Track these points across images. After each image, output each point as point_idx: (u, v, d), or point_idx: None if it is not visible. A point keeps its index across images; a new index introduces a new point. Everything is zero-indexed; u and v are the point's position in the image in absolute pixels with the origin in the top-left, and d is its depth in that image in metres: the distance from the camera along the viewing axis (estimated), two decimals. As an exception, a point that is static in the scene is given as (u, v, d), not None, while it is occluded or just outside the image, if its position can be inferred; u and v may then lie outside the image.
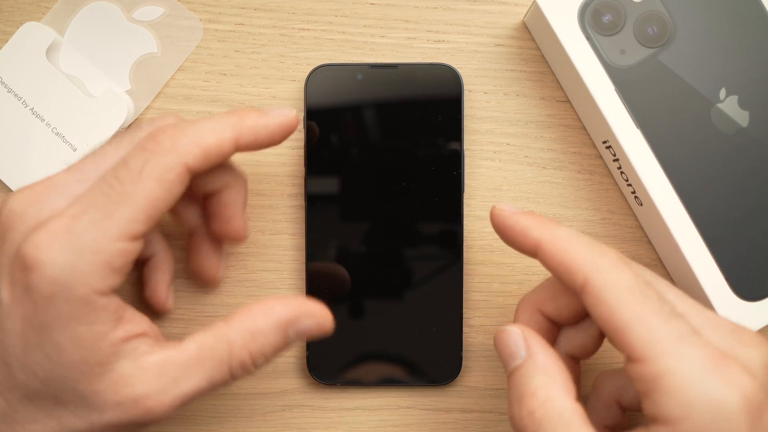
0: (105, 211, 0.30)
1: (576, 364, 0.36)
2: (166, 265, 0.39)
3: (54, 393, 0.31)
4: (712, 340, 0.30)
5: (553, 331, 0.35)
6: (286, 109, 0.35)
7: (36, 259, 0.30)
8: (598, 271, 0.31)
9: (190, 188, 0.33)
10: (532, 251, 0.33)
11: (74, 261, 0.30)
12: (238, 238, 0.38)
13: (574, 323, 0.35)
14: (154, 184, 0.30)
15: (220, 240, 0.39)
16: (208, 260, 0.39)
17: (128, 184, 0.30)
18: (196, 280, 0.41)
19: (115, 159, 0.32)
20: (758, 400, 0.28)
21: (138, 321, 0.32)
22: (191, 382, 0.31)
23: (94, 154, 0.33)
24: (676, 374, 0.28)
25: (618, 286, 0.30)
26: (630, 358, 0.30)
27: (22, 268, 0.30)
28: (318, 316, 0.33)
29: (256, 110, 0.34)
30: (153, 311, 0.40)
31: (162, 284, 0.39)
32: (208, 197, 0.37)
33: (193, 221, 0.38)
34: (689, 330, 0.30)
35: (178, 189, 0.31)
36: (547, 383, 0.31)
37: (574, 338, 0.35)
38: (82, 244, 0.30)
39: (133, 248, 0.31)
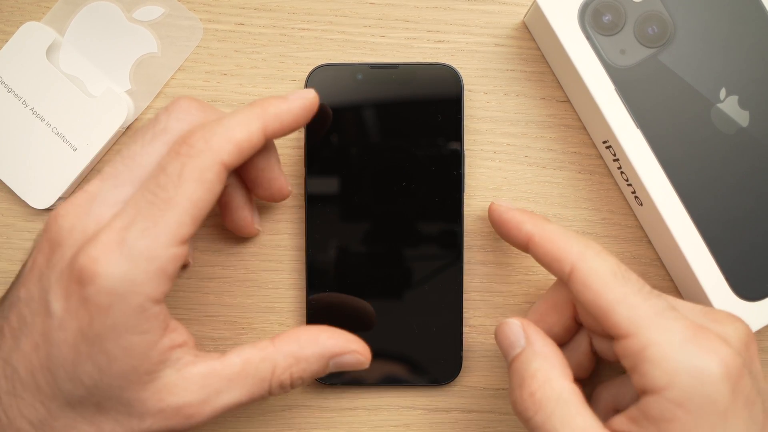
0: (152, 219, 0.31)
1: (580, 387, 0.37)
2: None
3: (98, 400, 0.31)
4: (690, 316, 0.33)
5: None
6: (305, 90, 0.36)
7: (93, 272, 0.30)
8: (583, 259, 0.33)
9: None
10: (524, 244, 0.36)
11: (130, 271, 0.30)
12: (283, 196, 0.39)
13: (565, 340, 0.38)
14: (195, 186, 0.31)
15: (266, 200, 0.39)
16: (244, 213, 0.39)
17: (170, 189, 0.31)
18: (236, 233, 0.41)
19: (146, 159, 0.33)
20: (736, 366, 0.30)
21: (181, 331, 0.33)
22: (233, 395, 0.33)
23: (124, 157, 0.33)
24: (659, 345, 0.31)
25: (602, 271, 0.33)
26: (617, 336, 0.32)
27: (78, 281, 0.30)
28: (361, 354, 0.35)
29: (278, 97, 0.35)
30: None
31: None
32: (242, 165, 0.37)
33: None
34: (668, 306, 0.32)
35: (218, 187, 0.32)
36: (546, 366, 0.33)
37: (569, 359, 0.36)
38: (136, 254, 0.30)
39: (183, 252, 0.31)
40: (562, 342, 0.38)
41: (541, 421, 0.32)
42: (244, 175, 0.38)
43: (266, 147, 0.37)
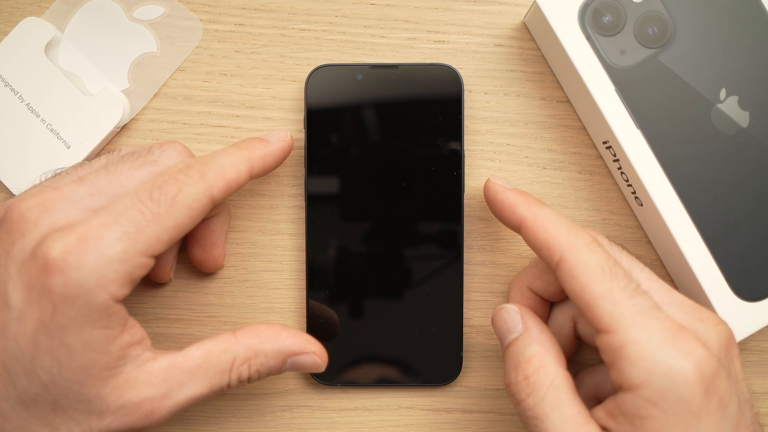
0: (137, 226, 0.32)
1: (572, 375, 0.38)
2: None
3: (54, 398, 0.31)
4: (673, 316, 0.33)
5: (543, 306, 0.39)
6: (282, 132, 0.38)
7: (63, 261, 0.30)
8: (572, 249, 0.34)
9: None
10: (516, 227, 0.36)
11: (101, 267, 0.31)
12: (216, 266, 0.40)
13: (559, 300, 0.39)
14: (185, 211, 0.33)
15: (196, 262, 0.40)
16: (167, 258, 0.39)
17: (162, 206, 0.32)
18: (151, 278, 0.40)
19: (130, 181, 0.34)
20: (711, 368, 0.31)
21: (137, 328, 0.33)
22: (194, 388, 0.33)
23: (108, 170, 0.34)
24: (637, 344, 0.31)
25: (589, 264, 0.33)
26: (598, 330, 0.33)
27: (43, 270, 0.30)
28: (318, 355, 0.36)
29: (260, 140, 0.37)
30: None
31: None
32: None
33: None
34: (652, 305, 0.33)
35: (200, 218, 0.34)
36: (541, 352, 0.34)
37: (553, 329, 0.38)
38: (111, 253, 0.31)
39: (150, 264, 0.32)
40: (557, 299, 0.38)
41: (532, 403, 0.33)
42: (191, 232, 0.39)
43: (223, 212, 0.40)
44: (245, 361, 0.34)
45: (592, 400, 0.38)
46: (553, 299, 0.39)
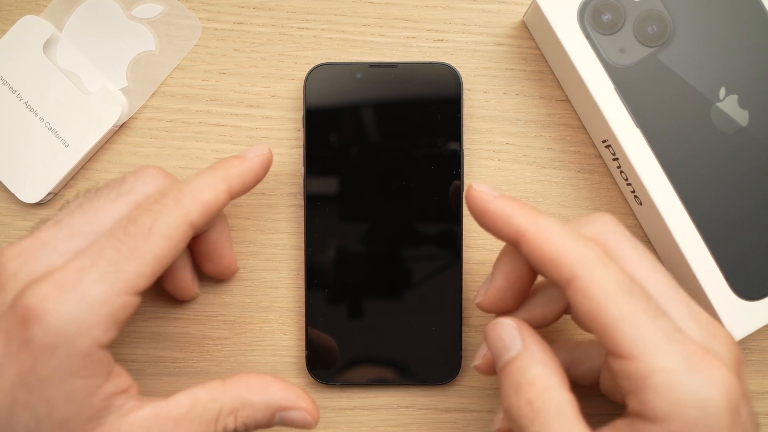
0: (114, 264, 0.30)
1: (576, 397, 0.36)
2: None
3: None
4: (691, 333, 0.31)
5: (531, 276, 0.35)
6: (261, 147, 0.37)
7: (41, 310, 0.29)
8: (585, 266, 0.30)
9: None
10: (513, 240, 0.32)
11: (82, 312, 0.30)
12: (231, 272, 0.41)
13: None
14: (163, 241, 0.31)
15: (212, 275, 0.41)
16: (185, 275, 0.40)
17: (138, 239, 0.31)
18: (173, 295, 0.41)
19: (107, 216, 0.33)
20: (737, 394, 0.29)
21: (124, 376, 0.32)
22: None
23: (83, 209, 0.33)
24: (664, 372, 0.29)
25: (606, 283, 0.30)
26: (616, 355, 0.30)
27: (22, 321, 0.30)
28: (309, 413, 0.34)
29: (237, 157, 0.37)
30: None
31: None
32: (195, 238, 0.38)
33: None
34: (674, 327, 0.30)
35: (182, 245, 0.32)
36: (545, 374, 0.31)
37: (536, 308, 0.36)
38: (91, 297, 0.30)
39: (135, 302, 0.31)
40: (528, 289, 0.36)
41: (536, 430, 0.30)
42: (195, 249, 0.39)
43: (219, 222, 0.39)
44: (232, 412, 0.33)
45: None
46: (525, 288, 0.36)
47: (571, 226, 0.33)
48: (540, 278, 0.36)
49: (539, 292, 0.36)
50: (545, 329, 0.39)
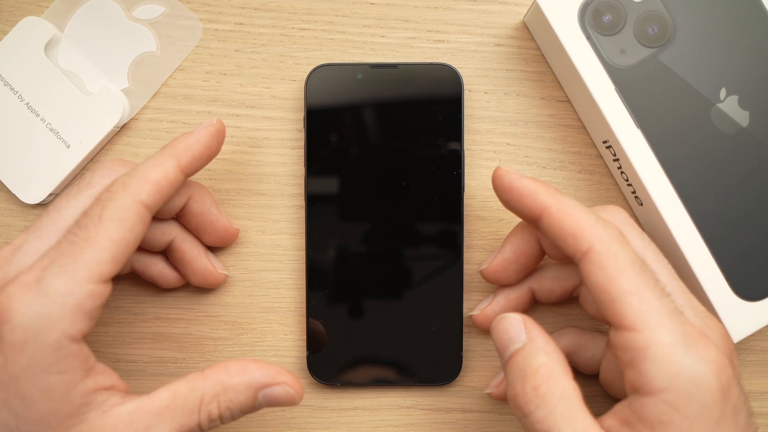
0: (71, 256, 0.31)
1: (530, 301, 0.40)
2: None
3: None
4: (691, 320, 0.32)
5: (539, 254, 0.38)
6: (210, 120, 0.37)
7: (8, 310, 0.30)
8: (602, 240, 0.32)
9: (159, 213, 0.37)
10: (535, 214, 0.34)
11: (45, 306, 0.30)
12: (231, 236, 0.40)
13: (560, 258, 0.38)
14: (116, 225, 0.32)
15: (216, 244, 0.41)
16: (203, 262, 0.40)
17: (91, 229, 0.32)
18: (203, 286, 0.41)
19: (70, 212, 0.34)
20: (728, 376, 0.31)
21: (108, 374, 0.32)
22: (162, 429, 0.32)
23: (49, 211, 0.34)
24: (664, 345, 0.30)
25: (620, 257, 0.32)
26: (619, 326, 0.31)
27: None
28: (290, 386, 0.34)
29: (186, 133, 0.36)
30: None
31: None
32: (181, 217, 0.39)
33: (167, 236, 0.39)
34: (676, 308, 0.32)
35: (139, 227, 0.33)
36: (550, 362, 0.32)
37: (546, 281, 0.39)
38: (53, 290, 0.30)
39: (103, 290, 0.31)
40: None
41: (542, 416, 0.31)
42: (191, 228, 0.39)
43: (198, 192, 0.39)
44: (213, 398, 0.33)
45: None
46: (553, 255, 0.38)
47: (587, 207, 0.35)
48: (547, 259, 0.39)
49: (551, 266, 0.39)
50: (552, 323, 0.39)
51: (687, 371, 0.30)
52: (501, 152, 0.42)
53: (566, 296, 0.39)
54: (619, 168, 0.40)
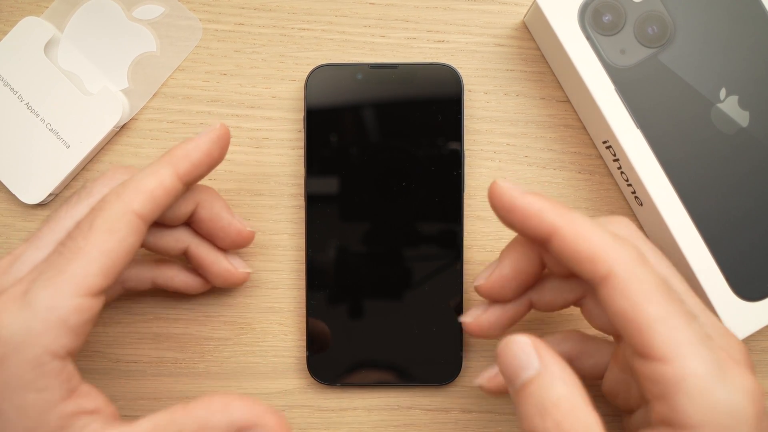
0: (58, 268, 0.30)
1: (528, 311, 0.36)
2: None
3: None
4: (720, 345, 0.30)
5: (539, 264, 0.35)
6: (213, 124, 0.35)
7: None
8: (622, 263, 0.30)
9: (166, 221, 0.36)
10: (543, 237, 0.31)
11: (28, 320, 0.29)
12: (245, 239, 0.38)
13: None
14: (106, 236, 0.31)
15: (231, 248, 0.39)
16: (223, 265, 0.39)
17: (80, 240, 0.30)
18: (228, 286, 0.40)
19: (69, 222, 0.33)
20: (762, 403, 0.29)
21: (93, 397, 0.31)
22: None
23: (48, 220, 0.34)
24: (698, 378, 0.28)
25: (645, 282, 0.29)
26: (647, 356, 0.29)
27: None
28: (273, 428, 0.31)
29: (186, 139, 0.35)
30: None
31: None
32: (192, 223, 0.38)
33: (181, 243, 0.38)
34: (706, 333, 0.29)
35: (132, 238, 0.31)
36: (569, 394, 0.29)
37: (547, 292, 0.35)
38: (37, 303, 0.29)
39: (91, 305, 0.30)
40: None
41: None
42: (201, 232, 0.38)
43: (207, 198, 0.37)
44: None
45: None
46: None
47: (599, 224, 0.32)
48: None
49: (553, 278, 0.35)
50: (552, 323, 0.39)
51: (724, 405, 0.28)
52: (501, 152, 0.42)
53: (567, 306, 0.36)
54: (619, 168, 0.40)
